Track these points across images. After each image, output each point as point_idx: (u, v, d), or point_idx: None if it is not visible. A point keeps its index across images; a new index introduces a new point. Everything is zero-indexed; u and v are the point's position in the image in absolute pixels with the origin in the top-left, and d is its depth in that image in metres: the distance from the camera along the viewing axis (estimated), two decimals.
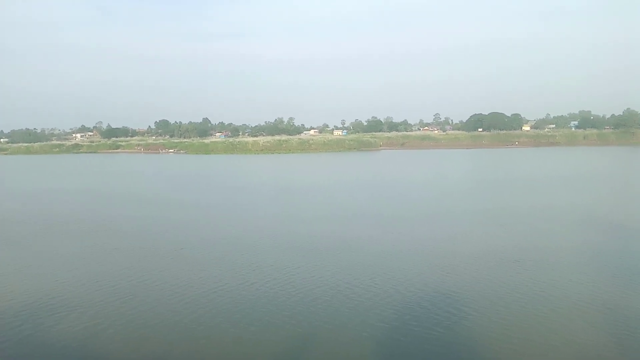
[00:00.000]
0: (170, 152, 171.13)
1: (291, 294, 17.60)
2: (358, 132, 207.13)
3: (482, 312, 15.47)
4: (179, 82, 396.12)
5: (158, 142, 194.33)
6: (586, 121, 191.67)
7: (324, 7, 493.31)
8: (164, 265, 21.94)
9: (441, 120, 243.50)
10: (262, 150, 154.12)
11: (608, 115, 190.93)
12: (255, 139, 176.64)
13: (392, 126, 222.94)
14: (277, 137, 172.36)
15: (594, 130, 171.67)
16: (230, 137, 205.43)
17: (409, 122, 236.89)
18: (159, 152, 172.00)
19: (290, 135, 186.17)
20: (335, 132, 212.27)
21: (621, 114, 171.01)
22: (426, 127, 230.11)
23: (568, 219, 31.18)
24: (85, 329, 14.78)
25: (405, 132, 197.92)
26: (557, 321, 14.61)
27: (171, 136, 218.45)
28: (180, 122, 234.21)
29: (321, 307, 16.25)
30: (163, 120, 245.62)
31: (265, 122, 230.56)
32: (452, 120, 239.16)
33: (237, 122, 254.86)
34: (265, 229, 30.01)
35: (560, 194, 43.32)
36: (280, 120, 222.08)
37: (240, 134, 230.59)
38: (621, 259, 21.17)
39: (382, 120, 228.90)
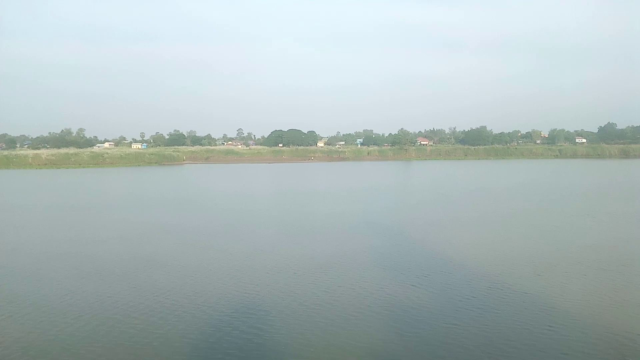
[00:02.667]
0: None
1: (69, 323, 16.02)
2: (159, 145, 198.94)
3: (283, 323, 15.89)
4: None
5: None
6: (369, 139, 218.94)
7: (117, 15, 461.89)
8: None
9: (244, 135, 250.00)
10: (45, 164, 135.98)
11: (386, 134, 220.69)
12: (36, 151, 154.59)
13: (196, 140, 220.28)
14: (64, 150, 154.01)
15: (376, 147, 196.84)
16: (4, 149, 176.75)
17: (212, 137, 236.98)
18: None
19: (80, 148, 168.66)
20: (134, 146, 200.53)
21: (396, 133, 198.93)
22: (230, 142, 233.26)
23: (359, 225, 34.85)
24: None
25: (209, 147, 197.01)
26: (352, 323, 15.79)
27: None
28: None
29: (107, 334, 15.20)
30: None
31: (50, 133, 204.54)
32: (254, 135, 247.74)
33: (14, 133, 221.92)
34: (53, 253, 26.76)
35: (348, 203, 48.38)
36: (68, 131, 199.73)
37: (18, 146, 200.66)
38: (403, 259, 24.25)
39: (185, 133, 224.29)
